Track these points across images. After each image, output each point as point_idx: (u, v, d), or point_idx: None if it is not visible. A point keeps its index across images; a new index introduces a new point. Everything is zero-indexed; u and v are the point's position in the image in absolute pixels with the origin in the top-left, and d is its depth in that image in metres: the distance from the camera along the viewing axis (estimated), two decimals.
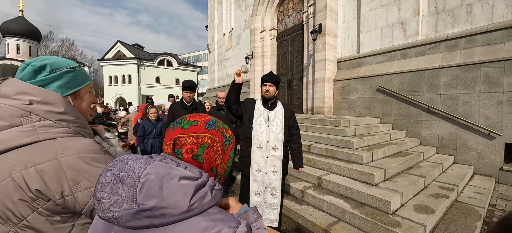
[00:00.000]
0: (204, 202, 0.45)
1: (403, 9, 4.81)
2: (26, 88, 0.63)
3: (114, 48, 27.10)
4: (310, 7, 6.20)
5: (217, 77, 13.01)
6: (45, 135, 0.62)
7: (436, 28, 4.46)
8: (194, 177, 0.46)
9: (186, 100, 2.90)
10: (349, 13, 5.92)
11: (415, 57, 4.66)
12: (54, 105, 0.64)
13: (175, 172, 0.44)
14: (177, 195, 0.42)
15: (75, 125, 0.69)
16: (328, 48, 5.75)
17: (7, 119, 0.59)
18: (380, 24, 5.22)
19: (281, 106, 2.17)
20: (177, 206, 0.42)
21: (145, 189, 0.41)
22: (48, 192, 0.59)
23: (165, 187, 0.42)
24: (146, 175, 0.42)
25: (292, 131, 2.20)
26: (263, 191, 2.08)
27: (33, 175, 0.58)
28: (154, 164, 0.44)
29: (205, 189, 0.47)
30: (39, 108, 0.62)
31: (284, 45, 7.71)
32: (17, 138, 0.59)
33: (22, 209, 0.58)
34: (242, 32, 10.18)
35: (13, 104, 0.61)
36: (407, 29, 4.78)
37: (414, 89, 4.57)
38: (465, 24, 4.10)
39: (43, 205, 0.60)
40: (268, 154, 2.06)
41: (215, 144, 0.56)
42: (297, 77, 7.18)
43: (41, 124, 0.62)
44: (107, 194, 0.43)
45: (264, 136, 2.05)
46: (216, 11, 12.86)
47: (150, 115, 3.72)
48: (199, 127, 0.56)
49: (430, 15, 4.52)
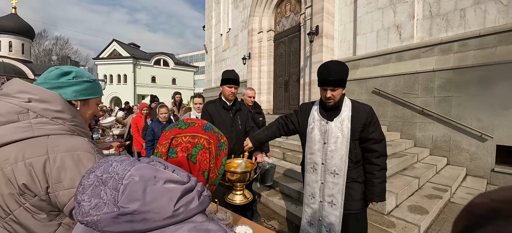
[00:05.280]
0: (190, 208, 0.43)
1: (399, 13, 4.89)
2: (26, 87, 0.65)
3: (109, 47, 26.80)
4: (307, 9, 6.25)
5: (214, 77, 12.99)
6: (40, 132, 0.63)
7: (430, 32, 4.54)
8: (181, 181, 0.44)
9: (229, 98, 2.06)
10: (345, 16, 5.98)
11: (410, 60, 4.74)
12: (51, 104, 0.66)
13: (161, 175, 0.42)
14: (161, 199, 0.40)
15: (71, 123, 0.70)
16: (325, 50, 5.80)
17: (5, 115, 0.61)
18: (376, 27, 5.29)
19: (349, 112, 1.44)
20: (160, 211, 0.39)
21: (127, 191, 0.39)
22: (34, 187, 0.60)
23: (149, 190, 0.40)
24: (129, 177, 0.40)
25: (369, 146, 1.45)
26: (316, 224, 1.57)
27: (21, 169, 0.59)
28: (139, 166, 0.42)
29: (192, 194, 0.44)
30: (36, 106, 0.64)
31: (281, 47, 7.74)
32: (12, 133, 0.61)
33: (10, 203, 0.59)
34: (240, 33, 10.18)
35: (13, 101, 0.63)
36: (402, 32, 4.86)
37: (409, 91, 4.64)
38: (458, 28, 4.18)
39: (29, 200, 0.60)
40: (324, 179, 1.49)
41: (210, 147, 0.56)
42: (293, 79, 7.21)
43: (37, 120, 0.64)
44: (88, 196, 0.41)
45: (318, 156, 1.49)
46: (214, 12, 12.85)
47: (161, 116, 3.17)
48: (196, 128, 0.56)
49: (425, 18, 4.60)
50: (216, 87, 12.45)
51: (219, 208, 1.30)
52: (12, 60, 21.54)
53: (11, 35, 22.56)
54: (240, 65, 9.54)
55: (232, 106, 2.09)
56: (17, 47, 22.99)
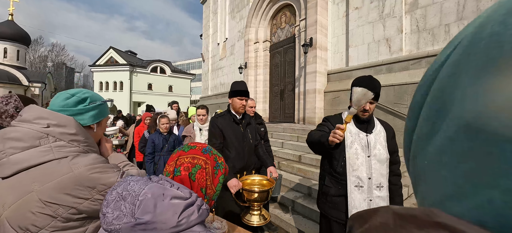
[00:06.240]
0: (191, 219, 0.53)
1: (388, 27, 5.13)
2: (44, 113, 0.73)
3: (106, 54, 26.85)
4: (302, 21, 6.48)
5: (210, 85, 13.11)
6: (60, 154, 0.71)
7: (418, 45, 4.77)
8: (184, 197, 0.54)
9: (239, 111, 1.98)
10: (338, 29, 6.22)
11: (399, 71, 4.94)
12: (67, 127, 0.74)
13: (168, 192, 0.53)
14: (167, 213, 0.50)
15: (84, 145, 0.78)
16: (318, 61, 5.99)
17: (27, 141, 0.69)
18: (367, 40, 5.52)
19: (381, 126, 1.50)
20: (166, 222, 0.50)
21: (142, 206, 0.49)
22: (65, 201, 0.68)
23: (159, 205, 0.50)
24: (144, 194, 0.51)
25: (394, 158, 1.51)
26: None
27: (52, 188, 0.66)
28: (151, 185, 0.53)
29: (193, 208, 0.55)
30: (54, 131, 0.72)
31: (277, 57, 7.94)
32: (36, 157, 0.68)
33: (41, 220, 0.66)
34: (236, 43, 10.40)
35: (33, 127, 0.71)
36: (392, 45, 5.08)
37: (398, 101, 4.82)
38: (443, 42, 4.41)
39: (62, 213, 0.68)
40: (372, 195, 1.45)
41: (207, 166, 0.66)
42: (289, 88, 7.37)
43: (56, 144, 0.71)
44: (111, 209, 0.51)
45: (363, 170, 1.43)
46: (211, 22, 13.10)
47: (162, 127, 3.04)
48: (197, 151, 0.66)
49: (412, 33, 4.84)
50: (212, 95, 12.55)
51: (215, 218, 1.38)
52: (6, 66, 21.34)
53: (6, 42, 22.42)
54: (237, 74, 9.70)
55: (242, 120, 2.02)
56: (12, 53, 22.83)
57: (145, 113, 4.27)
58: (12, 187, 0.66)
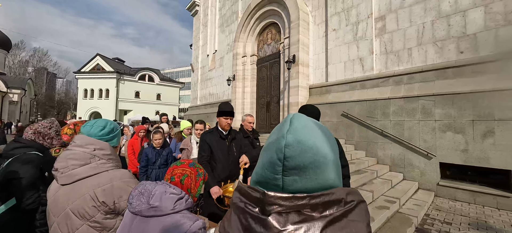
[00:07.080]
0: (181, 207, 0.87)
1: (361, 48, 5.73)
2: (91, 141, 1.07)
3: (92, 61, 26.34)
4: (286, 39, 7.01)
5: (199, 95, 13.34)
6: (103, 168, 1.05)
7: (386, 65, 5.37)
8: (177, 193, 0.88)
9: (225, 128, 2.28)
10: (318, 47, 6.79)
11: (371, 88, 5.50)
12: (105, 150, 1.09)
13: (168, 190, 0.87)
14: (167, 202, 0.84)
15: (116, 161, 1.13)
16: (301, 76, 6.48)
17: (82, 160, 1.02)
18: (343, 58, 6.10)
19: None
20: (167, 207, 0.83)
21: (153, 197, 0.83)
22: (108, 201, 1.00)
23: (163, 198, 0.84)
24: (154, 191, 0.85)
25: None
26: None
27: (100, 193, 0.99)
28: (159, 186, 0.87)
29: (182, 200, 0.89)
30: (99, 153, 1.06)
31: (263, 70, 8.40)
32: (87, 171, 1.01)
33: (91, 212, 0.99)
34: (225, 55, 10.81)
35: (85, 151, 1.04)
36: (364, 64, 5.67)
37: (371, 115, 5.35)
38: (407, 63, 5.03)
39: (104, 208, 1.00)
40: None
41: (192, 175, 1.00)
42: (274, 100, 7.81)
43: (100, 162, 1.06)
44: (135, 200, 0.85)
45: None
46: (201, 33, 13.49)
47: (155, 142, 3.15)
48: (185, 165, 1.00)
49: (382, 54, 5.45)
50: (201, 105, 12.76)
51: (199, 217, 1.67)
52: None
53: None
54: (225, 86, 10.05)
55: (227, 135, 2.33)
56: None
57: (138, 126, 4.42)
58: (73, 190, 0.99)
